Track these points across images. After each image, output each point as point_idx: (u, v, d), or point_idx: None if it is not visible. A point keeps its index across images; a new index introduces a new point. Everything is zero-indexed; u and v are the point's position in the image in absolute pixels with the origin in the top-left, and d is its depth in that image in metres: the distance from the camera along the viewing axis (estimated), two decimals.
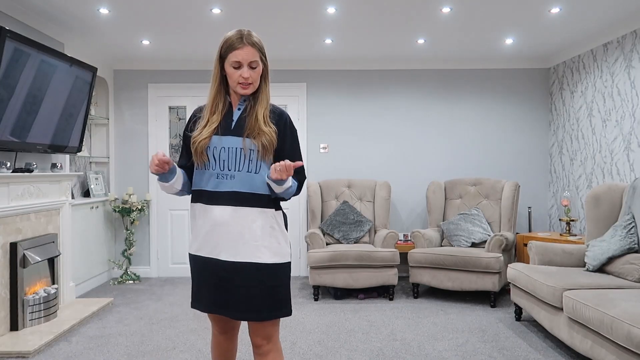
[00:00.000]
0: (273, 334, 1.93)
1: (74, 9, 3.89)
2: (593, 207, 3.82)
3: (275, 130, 1.88)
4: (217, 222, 1.86)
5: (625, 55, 4.30)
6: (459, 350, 3.33)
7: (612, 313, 2.60)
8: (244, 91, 1.87)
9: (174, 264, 5.70)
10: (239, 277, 1.86)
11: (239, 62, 1.82)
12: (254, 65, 1.84)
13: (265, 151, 1.85)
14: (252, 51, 1.82)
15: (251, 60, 1.83)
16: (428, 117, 5.69)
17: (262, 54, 1.86)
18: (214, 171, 1.87)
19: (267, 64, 1.90)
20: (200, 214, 1.91)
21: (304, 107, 5.67)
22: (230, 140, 1.86)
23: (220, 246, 1.87)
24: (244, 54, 1.81)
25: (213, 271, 1.89)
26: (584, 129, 4.95)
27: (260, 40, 1.88)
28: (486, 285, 4.37)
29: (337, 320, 4.01)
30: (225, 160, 1.86)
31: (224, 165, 1.86)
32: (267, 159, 1.88)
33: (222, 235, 1.86)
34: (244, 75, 1.82)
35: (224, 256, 1.86)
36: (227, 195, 1.85)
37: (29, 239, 3.76)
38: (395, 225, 5.66)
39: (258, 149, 1.84)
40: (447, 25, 4.36)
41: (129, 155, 5.67)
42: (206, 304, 1.92)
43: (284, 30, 4.48)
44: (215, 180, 1.87)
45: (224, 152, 1.85)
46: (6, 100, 3.42)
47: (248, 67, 1.83)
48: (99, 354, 3.30)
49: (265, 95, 1.91)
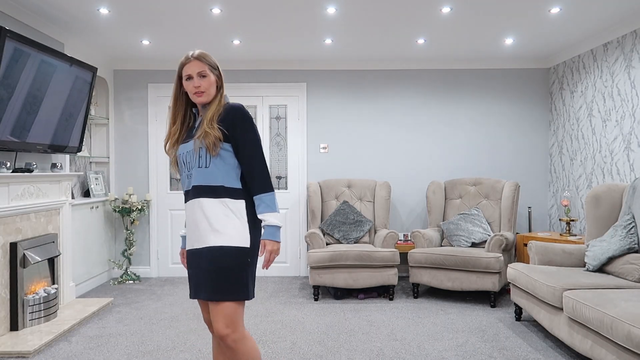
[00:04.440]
0: (234, 320, 2.02)
1: (74, 9, 3.89)
2: (593, 207, 3.82)
3: (219, 127, 2.06)
4: (188, 216, 2.14)
5: (625, 55, 4.30)
6: (459, 350, 3.33)
7: (612, 313, 2.60)
8: (199, 99, 2.12)
9: (174, 264, 5.70)
10: (198, 262, 2.07)
11: (189, 74, 2.11)
12: (204, 74, 2.10)
13: (210, 147, 2.03)
14: (198, 63, 2.11)
15: (199, 71, 2.10)
16: (428, 117, 5.69)
17: (210, 66, 2.13)
18: (185, 173, 2.15)
19: (220, 75, 2.16)
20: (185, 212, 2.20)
21: (304, 107, 5.67)
22: (188, 145, 2.12)
23: (190, 237, 2.12)
24: (192, 66, 2.10)
25: (188, 261, 2.16)
26: (584, 129, 4.95)
27: (208, 55, 2.15)
28: (486, 285, 4.37)
29: (337, 320, 4.01)
30: (189, 162, 2.12)
31: (189, 167, 2.12)
32: (214, 153, 2.05)
33: (190, 227, 2.12)
34: (195, 84, 2.10)
35: (190, 245, 2.12)
36: (193, 190, 2.10)
37: (29, 239, 3.77)
38: (395, 225, 5.66)
39: (205, 146, 2.05)
40: (447, 25, 4.36)
41: (129, 155, 5.67)
42: (190, 291, 2.17)
43: (284, 30, 4.49)
44: (187, 180, 2.14)
45: (188, 155, 2.12)
46: (6, 100, 3.42)
47: (198, 76, 2.10)
48: (99, 354, 3.30)
49: (216, 101, 2.13)
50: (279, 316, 4.13)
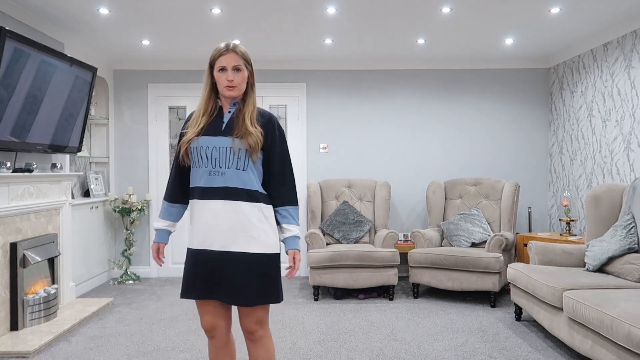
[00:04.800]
0: (264, 319, 2.10)
1: (74, 9, 3.89)
2: (593, 207, 3.82)
3: (261, 131, 2.05)
4: (210, 215, 2.03)
5: (625, 55, 4.30)
6: (459, 350, 3.33)
7: (612, 313, 2.60)
8: (230, 93, 2.05)
9: (174, 264, 5.70)
10: (230, 266, 2.01)
11: (224, 66, 2.04)
12: (238, 68, 2.04)
13: (252, 150, 2.02)
14: (235, 56, 2.04)
15: (234, 64, 2.03)
16: (428, 117, 5.69)
17: (246, 62, 2.08)
18: (207, 169, 2.04)
19: (252, 72, 2.11)
20: (195, 208, 2.09)
21: (304, 107, 5.67)
22: (220, 140, 2.03)
23: (213, 237, 2.03)
24: (228, 58, 2.04)
25: (205, 261, 2.04)
26: (584, 129, 4.95)
27: (246, 52, 2.10)
28: (486, 285, 4.37)
29: (337, 320, 4.01)
30: (217, 159, 2.03)
31: (215, 163, 2.03)
32: (255, 158, 2.05)
33: (214, 227, 2.02)
34: (228, 77, 2.03)
35: (216, 246, 2.02)
36: (222, 191, 2.02)
37: (29, 239, 3.77)
38: (395, 225, 5.66)
39: (246, 148, 2.01)
40: (447, 25, 4.36)
41: (129, 155, 5.67)
42: (199, 292, 2.05)
43: (284, 30, 4.48)
44: (208, 177, 2.04)
45: (215, 151, 2.03)
46: (6, 100, 3.42)
47: (232, 70, 2.04)
48: (99, 354, 3.30)
49: (252, 100, 2.11)
50: (279, 316, 4.13)
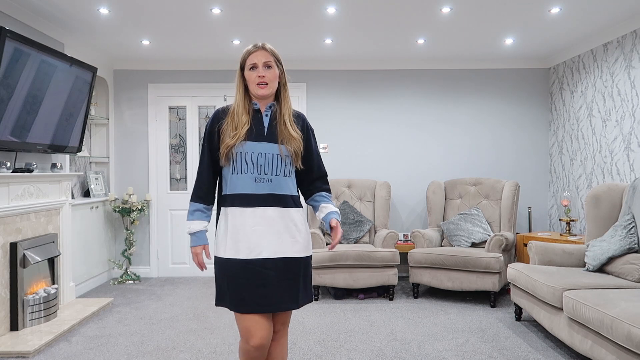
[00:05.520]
0: (289, 319, 2.18)
1: (74, 9, 3.89)
2: (593, 207, 3.82)
3: (301, 135, 2.08)
4: (258, 223, 1.98)
5: (625, 55, 4.30)
6: (459, 350, 3.33)
7: (612, 313, 2.60)
8: (262, 91, 2.01)
9: (174, 264, 5.70)
10: (282, 272, 2.00)
11: (255, 63, 2.01)
12: (269, 65, 2.02)
13: (296, 157, 2.05)
14: (265, 53, 2.02)
15: (265, 61, 2.01)
16: (428, 117, 5.69)
17: (276, 59, 2.05)
18: (252, 175, 1.99)
19: (283, 71, 2.09)
20: (235, 216, 2.00)
21: (304, 107, 5.67)
22: (265, 146, 2.01)
23: (262, 246, 1.98)
24: (258, 55, 2.02)
25: (255, 271, 1.97)
26: (584, 129, 4.95)
27: (276, 50, 2.09)
28: (486, 285, 4.37)
29: (337, 320, 4.01)
30: (263, 165, 1.99)
31: (261, 170, 1.99)
32: (298, 164, 2.08)
33: (262, 235, 1.98)
34: (259, 74, 2.00)
35: (265, 254, 1.97)
36: (268, 198, 1.99)
37: (29, 239, 3.77)
38: (395, 225, 5.66)
39: (291, 155, 2.03)
40: (447, 25, 4.36)
41: (129, 155, 5.67)
42: (252, 305, 1.97)
43: (284, 31, 4.48)
44: (254, 183, 1.99)
45: (260, 157, 1.99)
46: (6, 100, 3.42)
47: (263, 66, 2.01)
48: (99, 354, 3.30)
49: (287, 102, 2.10)
50: None
